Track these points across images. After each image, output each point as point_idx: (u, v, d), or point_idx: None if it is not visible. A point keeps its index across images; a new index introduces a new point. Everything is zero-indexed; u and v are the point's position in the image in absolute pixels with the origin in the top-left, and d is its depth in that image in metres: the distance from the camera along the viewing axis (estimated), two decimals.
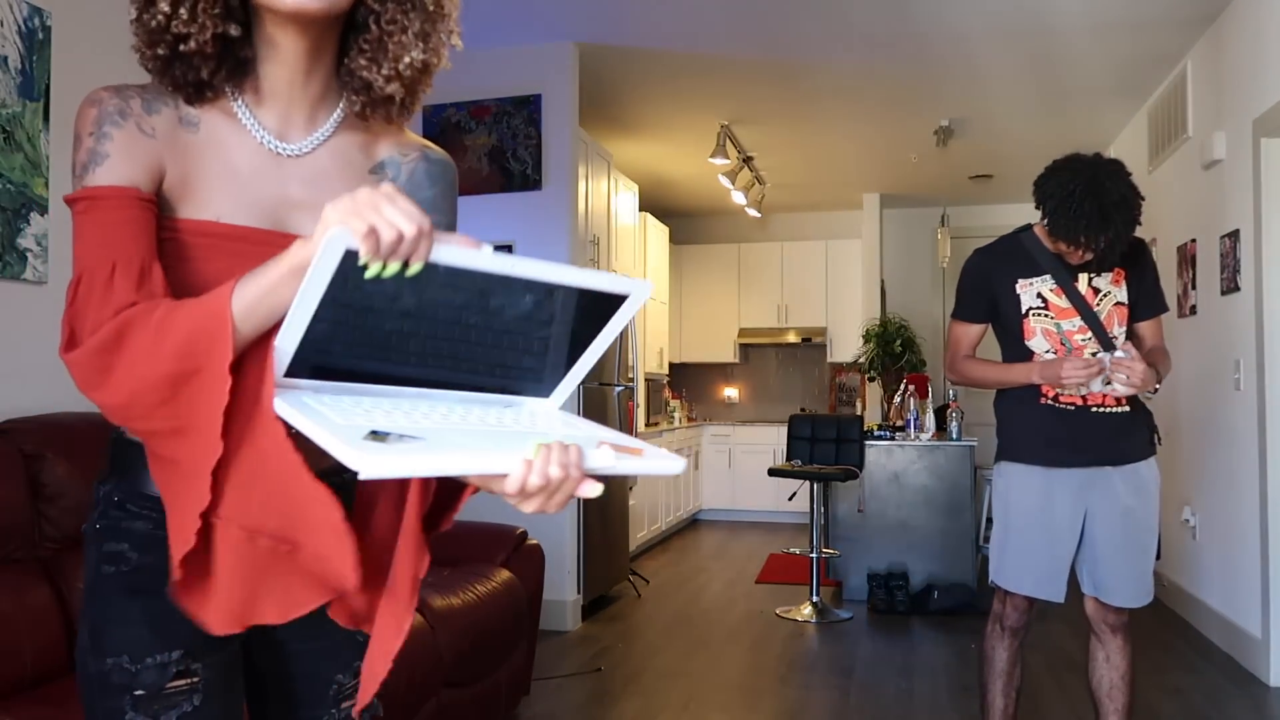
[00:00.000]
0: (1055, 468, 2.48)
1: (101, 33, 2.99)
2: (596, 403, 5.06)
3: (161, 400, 0.91)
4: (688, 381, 9.34)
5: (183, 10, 0.95)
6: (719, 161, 6.26)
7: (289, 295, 0.89)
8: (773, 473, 5.40)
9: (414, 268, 0.87)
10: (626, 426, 5.55)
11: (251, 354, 0.93)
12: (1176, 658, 4.19)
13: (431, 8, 1.05)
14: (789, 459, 5.67)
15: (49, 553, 2.36)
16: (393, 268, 0.86)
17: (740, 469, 8.46)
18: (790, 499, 6.25)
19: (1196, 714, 3.47)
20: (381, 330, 0.92)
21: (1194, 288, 4.69)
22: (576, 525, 4.79)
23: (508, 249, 4.79)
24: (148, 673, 1.02)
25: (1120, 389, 2.32)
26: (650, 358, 7.68)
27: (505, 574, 3.27)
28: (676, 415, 8.26)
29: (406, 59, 1.04)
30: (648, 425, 7.44)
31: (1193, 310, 4.71)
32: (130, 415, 0.95)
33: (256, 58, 1.04)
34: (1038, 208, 2.42)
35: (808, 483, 5.35)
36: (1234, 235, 4.12)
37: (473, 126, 4.86)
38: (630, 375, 5.67)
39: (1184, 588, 4.89)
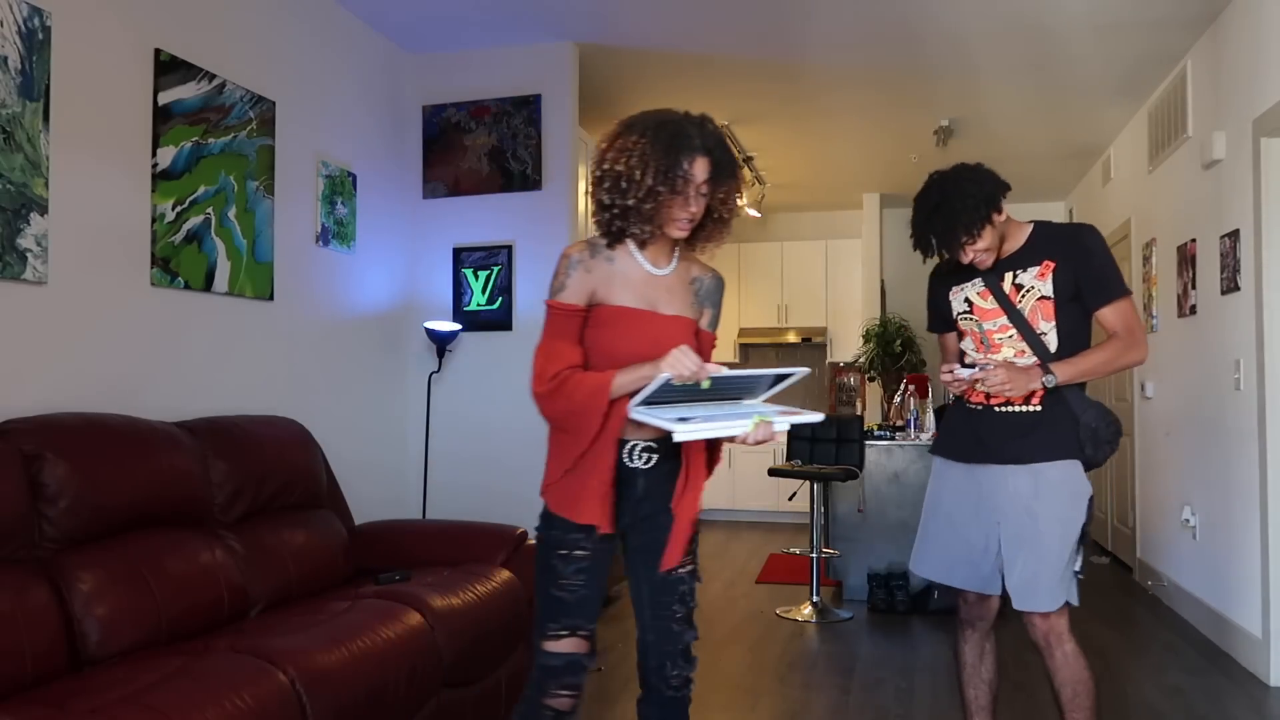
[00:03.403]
0: (962, 462, 2.57)
1: (101, 33, 2.99)
2: None
3: (570, 418, 1.95)
4: None
5: (654, 222, 1.99)
6: None
7: (638, 384, 1.88)
8: (773, 473, 5.40)
9: (703, 383, 1.87)
10: None
11: (611, 406, 1.94)
12: (1176, 658, 4.19)
13: (733, 216, 2.15)
14: (789, 459, 5.66)
15: (49, 553, 2.36)
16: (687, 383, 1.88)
17: (740, 469, 8.46)
18: (790, 499, 6.25)
19: (1196, 714, 3.47)
20: (678, 389, 1.88)
21: (1194, 288, 4.69)
22: None
23: (507, 249, 4.79)
24: (569, 539, 2.00)
25: (992, 390, 2.43)
26: None
27: (505, 574, 3.27)
28: None
29: (722, 242, 2.15)
30: None
31: (1193, 310, 4.70)
32: (556, 422, 1.99)
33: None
34: None
35: (808, 483, 5.34)
36: (1234, 235, 4.12)
37: (473, 126, 4.86)
38: None
39: (1184, 587, 4.89)
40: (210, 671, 2.11)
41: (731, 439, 1.88)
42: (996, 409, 2.50)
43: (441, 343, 4.70)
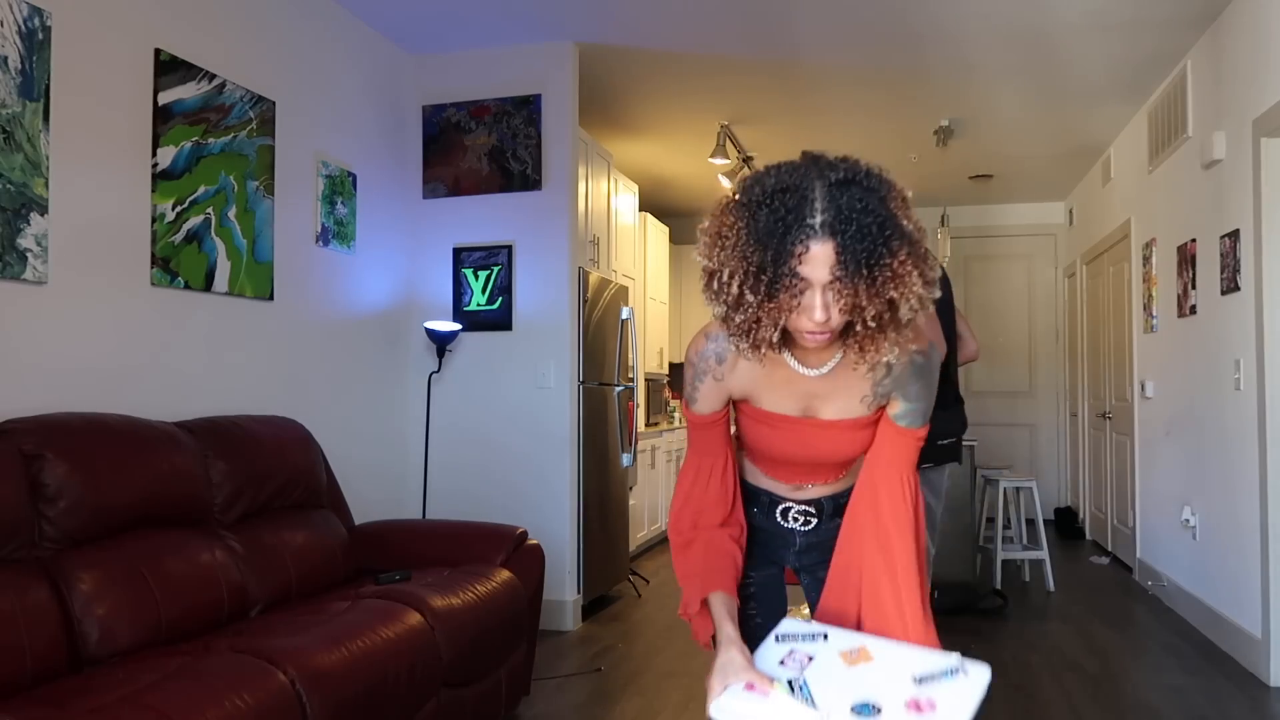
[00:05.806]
0: None
1: (101, 33, 2.99)
2: (596, 403, 5.06)
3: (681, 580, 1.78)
4: None
5: (752, 338, 1.43)
6: (719, 161, 6.25)
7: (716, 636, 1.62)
8: None
9: None
10: (626, 427, 5.55)
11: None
12: (1176, 658, 4.19)
13: (905, 319, 1.38)
14: None
15: (49, 553, 2.36)
16: None
17: None
18: None
19: (1196, 714, 3.47)
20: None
21: (1194, 287, 4.69)
22: (576, 525, 4.79)
23: (507, 249, 4.79)
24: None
25: None
26: (650, 358, 7.68)
27: (505, 574, 3.27)
28: (676, 415, 8.26)
29: (881, 356, 1.44)
30: (648, 425, 7.44)
31: (1193, 310, 4.71)
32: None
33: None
34: None
35: None
36: (1234, 235, 4.12)
37: (473, 126, 4.86)
38: (630, 375, 5.68)
39: (1184, 587, 4.89)
40: (210, 671, 2.11)
41: None
42: None
43: (441, 343, 4.71)
